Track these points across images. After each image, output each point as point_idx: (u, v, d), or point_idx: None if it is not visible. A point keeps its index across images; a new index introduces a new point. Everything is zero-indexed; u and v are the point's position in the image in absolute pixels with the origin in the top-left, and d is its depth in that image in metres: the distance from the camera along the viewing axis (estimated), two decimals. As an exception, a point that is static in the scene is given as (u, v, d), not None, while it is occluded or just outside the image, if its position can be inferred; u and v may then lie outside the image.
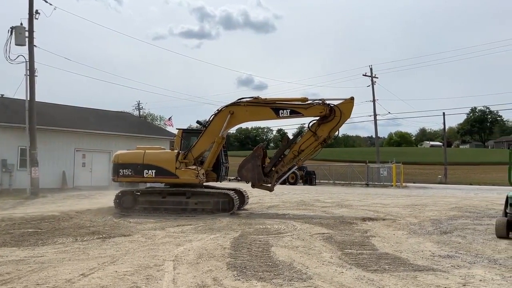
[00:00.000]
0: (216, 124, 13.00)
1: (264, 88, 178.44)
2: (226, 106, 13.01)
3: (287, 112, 12.53)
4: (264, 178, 12.79)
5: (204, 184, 13.84)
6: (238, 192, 14.02)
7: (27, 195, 19.40)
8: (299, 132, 13.64)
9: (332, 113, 12.25)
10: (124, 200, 13.28)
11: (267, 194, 17.12)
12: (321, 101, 12.37)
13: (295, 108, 12.53)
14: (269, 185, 12.94)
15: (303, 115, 12.55)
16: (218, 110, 13.12)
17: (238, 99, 13.07)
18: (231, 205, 12.47)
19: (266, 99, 12.88)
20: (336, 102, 12.43)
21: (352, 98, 12.48)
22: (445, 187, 32.94)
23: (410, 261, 6.59)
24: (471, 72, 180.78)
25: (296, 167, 13.70)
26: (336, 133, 12.83)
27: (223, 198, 12.64)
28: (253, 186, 13.14)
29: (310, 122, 12.63)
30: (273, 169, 12.88)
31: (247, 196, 14.55)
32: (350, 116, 12.71)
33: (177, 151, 13.45)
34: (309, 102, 12.45)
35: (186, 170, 12.80)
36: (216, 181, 14.00)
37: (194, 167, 12.86)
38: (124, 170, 13.29)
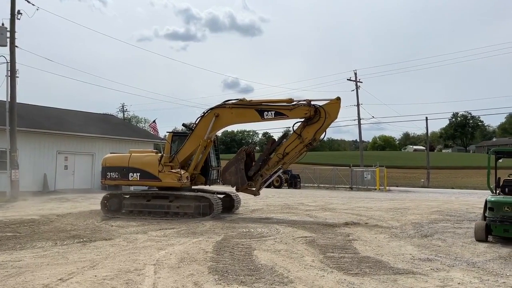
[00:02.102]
0: (201, 127, 12.86)
1: (250, 91, 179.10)
2: (212, 109, 12.88)
3: (271, 113, 12.23)
4: (248, 182, 12.59)
5: (194, 187, 13.75)
6: (227, 196, 13.93)
7: (7, 198, 19.02)
8: (285, 135, 13.01)
9: (317, 114, 11.88)
10: (110, 203, 13.38)
11: (251, 198, 17.10)
12: (305, 102, 12.03)
13: (279, 109, 12.21)
14: (254, 189, 12.75)
15: (287, 117, 12.20)
16: (204, 112, 13.00)
17: (224, 101, 12.92)
18: (211, 209, 12.32)
19: (251, 100, 12.71)
20: (322, 103, 12.06)
21: (338, 99, 12.04)
22: (427, 191, 33.35)
23: (390, 265, 6.65)
24: (454, 77, 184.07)
25: (281, 170, 13.38)
26: (323, 135, 12.30)
27: (204, 202, 12.46)
28: (237, 190, 12.99)
29: (295, 123, 12.27)
30: (258, 172, 12.64)
31: (238, 200, 14.33)
32: (337, 117, 12.21)
33: (160, 154, 13.39)
34: (294, 103, 12.15)
35: (169, 173, 12.72)
36: (205, 185, 13.86)
37: (176, 170, 12.77)
38: (111, 173, 13.54)
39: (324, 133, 12.26)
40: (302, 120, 12.15)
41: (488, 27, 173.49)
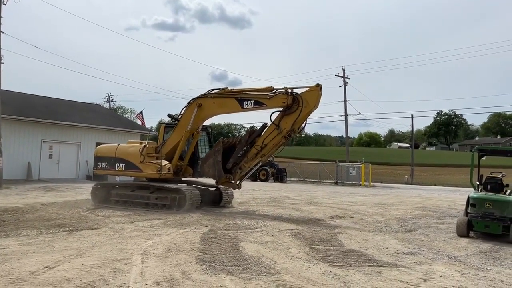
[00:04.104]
0: (186, 118, 12.59)
1: (238, 84, 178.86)
2: (195, 99, 12.56)
3: (251, 103, 11.61)
4: (227, 175, 12.16)
5: (184, 179, 13.59)
6: (217, 189, 13.60)
7: (-10, 186, 18.74)
8: (264, 126, 12.01)
9: (295, 103, 11.04)
10: (98, 192, 13.51)
11: (237, 191, 17.14)
12: (283, 90, 11.27)
13: (258, 98, 11.57)
14: (233, 182, 12.33)
15: (266, 106, 11.49)
16: (188, 102, 12.70)
17: (208, 91, 12.48)
18: (185, 202, 11.92)
19: (232, 90, 12.19)
20: (303, 91, 11.21)
21: (317, 85, 11.05)
22: (411, 187, 33.86)
23: (375, 257, 6.78)
24: (439, 76, 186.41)
25: (260, 164, 12.83)
26: (303, 125, 11.51)
27: (180, 194, 12.09)
28: (216, 183, 12.67)
29: (272, 113, 11.52)
30: (237, 165, 12.16)
31: (228, 195, 13.80)
32: (317, 106, 11.20)
33: (143, 144, 13.31)
34: (273, 91, 11.45)
35: (149, 164, 12.64)
36: (193, 177, 13.68)
37: (156, 161, 12.68)
38: (102, 163, 13.71)
39: (304, 123, 11.53)
40: (281, 109, 11.37)
41: (475, 27, 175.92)
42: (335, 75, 43.55)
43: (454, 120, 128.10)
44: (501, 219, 8.70)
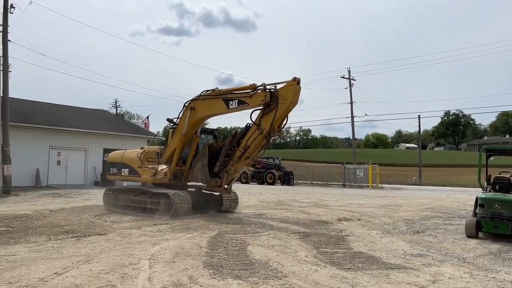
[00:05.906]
0: (182, 122, 12.43)
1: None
2: (190, 101, 12.36)
3: (235, 103, 11.23)
4: (215, 179, 11.85)
5: (190, 184, 13.52)
6: (218, 193, 13.22)
7: (-1, 193, 18.91)
8: (247, 127, 11.48)
9: (273, 100, 10.59)
10: (109, 197, 13.87)
11: (244, 194, 17.21)
12: (262, 86, 10.80)
13: (241, 97, 11.16)
14: (220, 186, 11.92)
15: (248, 105, 11.06)
16: (184, 105, 12.50)
17: (202, 92, 12.19)
18: (171, 207, 11.56)
19: (220, 90, 11.86)
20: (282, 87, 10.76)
21: (294, 79, 10.52)
22: (419, 188, 33.64)
23: (383, 260, 6.75)
24: (446, 76, 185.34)
25: (245, 167, 12.42)
26: (284, 123, 11.12)
27: (167, 199, 11.73)
28: (207, 186, 12.40)
29: (252, 112, 11.14)
30: (224, 168, 11.76)
31: (230, 200, 13.22)
32: (296, 102, 10.67)
33: (143, 149, 13.44)
34: (253, 90, 11.01)
35: (145, 169, 12.74)
36: (194, 181, 13.70)
37: (152, 166, 12.72)
38: (112, 169, 14.29)
39: (285, 121, 11.13)
40: (261, 108, 10.94)
41: (482, 26, 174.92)
42: (341, 77, 43.55)
43: (462, 120, 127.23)
44: (510, 220, 8.62)
